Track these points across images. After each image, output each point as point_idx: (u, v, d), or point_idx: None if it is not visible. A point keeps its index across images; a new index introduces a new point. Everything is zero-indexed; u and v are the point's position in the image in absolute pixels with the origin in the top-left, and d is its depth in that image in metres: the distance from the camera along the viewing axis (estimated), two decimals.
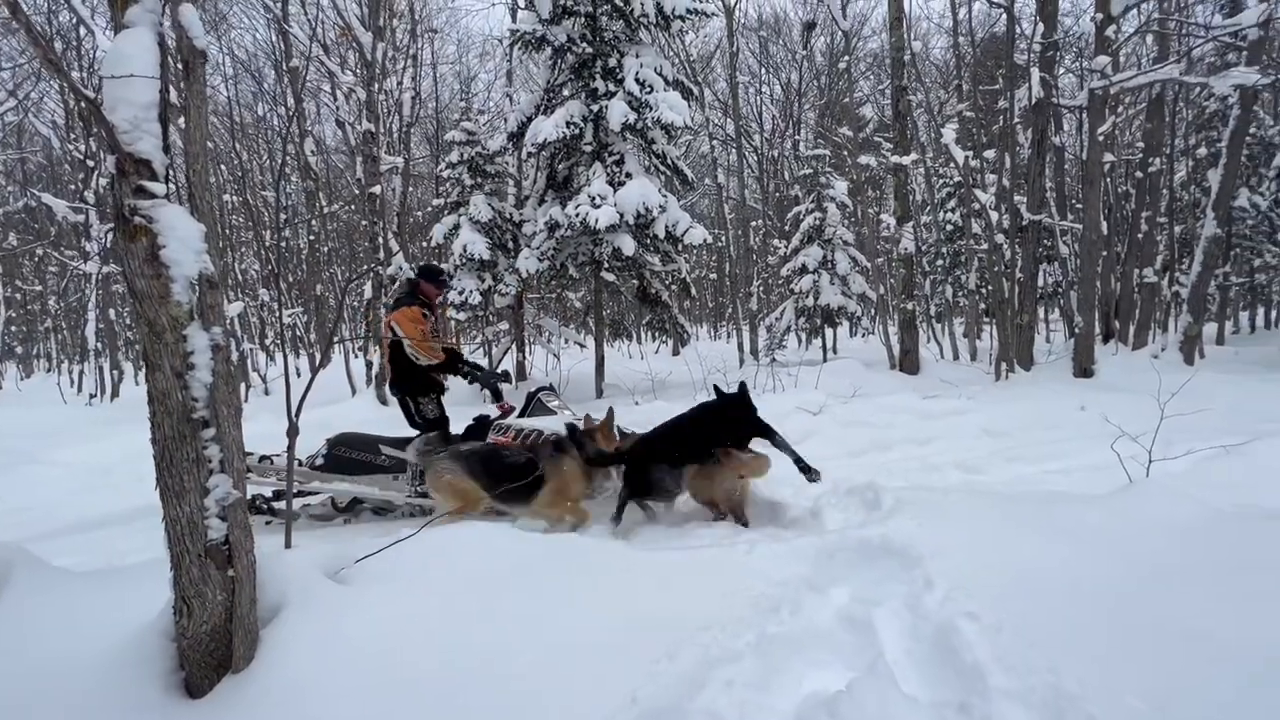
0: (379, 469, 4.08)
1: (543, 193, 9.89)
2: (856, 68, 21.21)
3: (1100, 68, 8.52)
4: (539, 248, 8.93)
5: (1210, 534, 2.56)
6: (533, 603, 2.05)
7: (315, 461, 4.09)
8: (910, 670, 1.91)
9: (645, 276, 9.93)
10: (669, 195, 8.89)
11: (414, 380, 4.14)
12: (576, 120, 8.54)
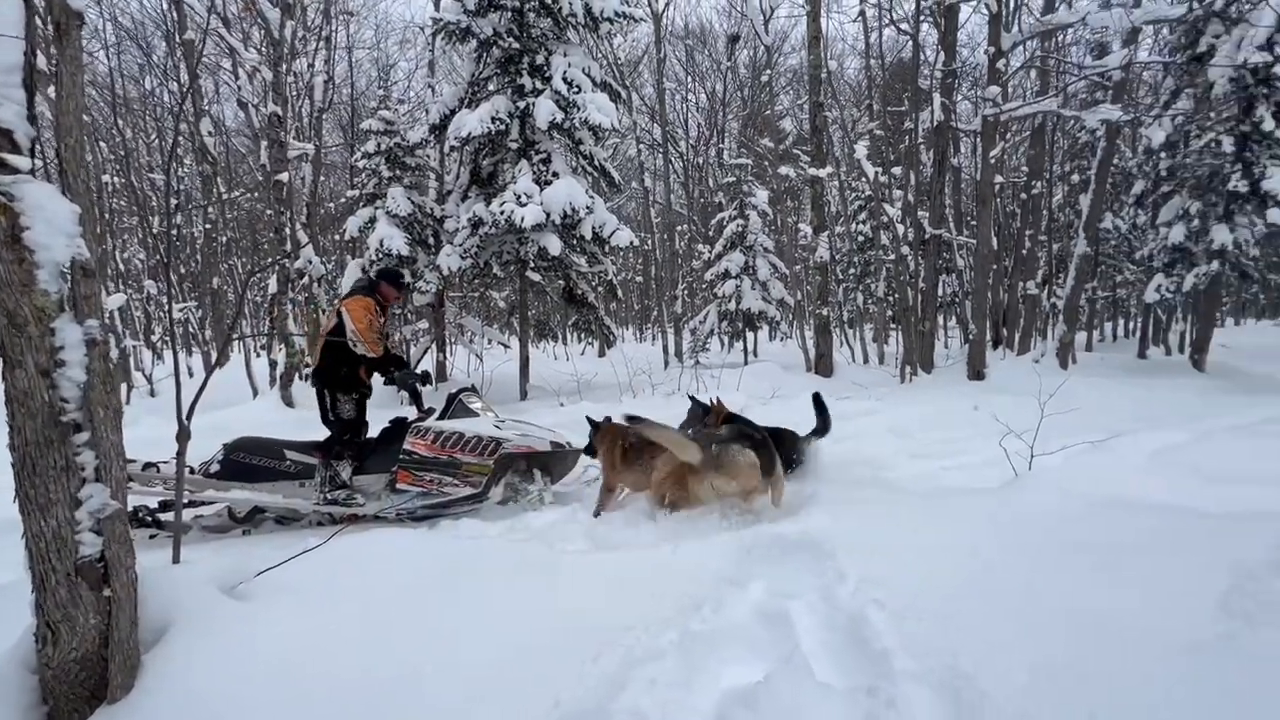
0: (284, 475, 3.85)
1: (466, 188, 9.62)
2: (777, 82, 22.08)
3: (992, 96, 9.32)
4: (462, 245, 8.66)
5: (1083, 521, 2.85)
6: (454, 610, 1.99)
7: (210, 468, 3.81)
8: (825, 659, 2.00)
9: (572, 277, 9.87)
10: (596, 197, 8.88)
11: (340, 375, 3.92)
12: (502, 116, 8.36)
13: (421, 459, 3.81)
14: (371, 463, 3.99)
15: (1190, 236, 9.64)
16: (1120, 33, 9.23)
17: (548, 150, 8.66)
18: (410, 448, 3.83)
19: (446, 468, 3.80)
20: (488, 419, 4.15)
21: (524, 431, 4.06)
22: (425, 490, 3.80)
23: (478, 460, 3.82)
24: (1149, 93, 13.51)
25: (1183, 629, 1.91)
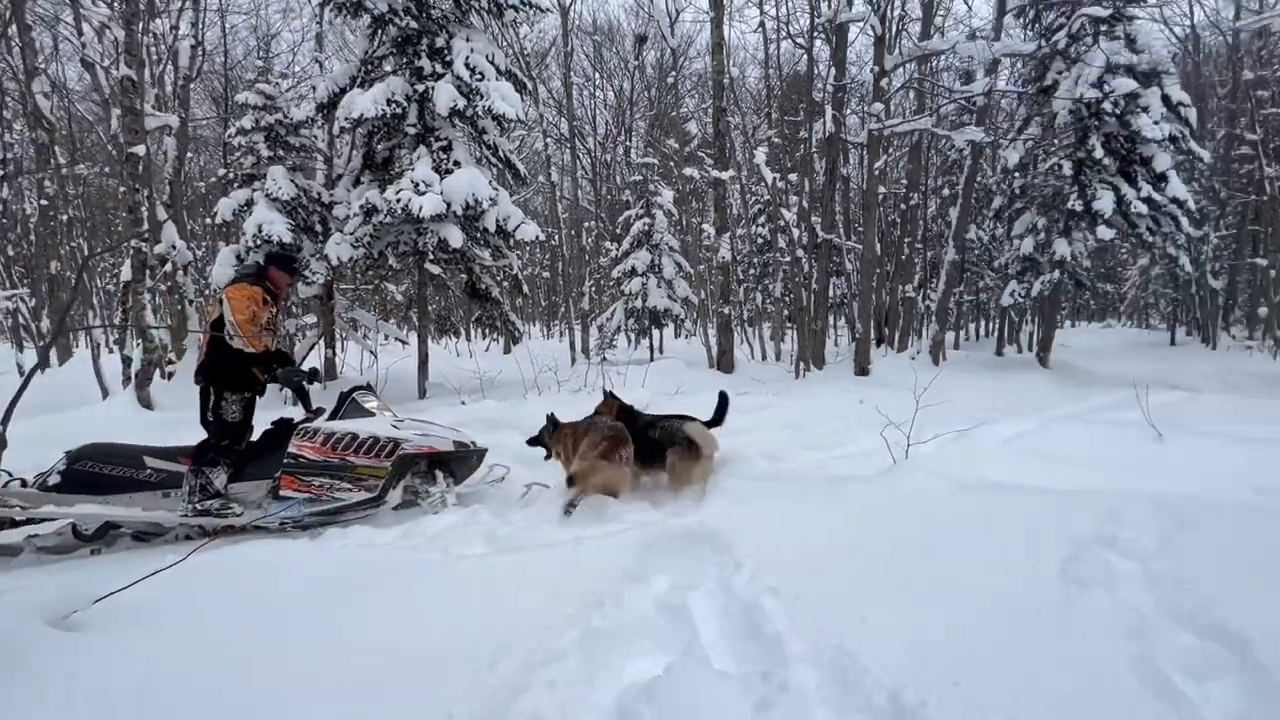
0: (143, 485, 3.44)
1: (358, 173, 9.01)
2: (683, 85, 22.55)
3: (876, 113, 10.05)
4: (353, 233, 8.11)
5: (950, 502, 3.13)
6: (335, 625, 1.85)
7: (47, 480, 3.34)
8: (723, 648, 2.06)
9: (475, 271, 9.54)
10: (501, 189, 8.63)
11: (227, 372, 3.53)
12: (399, 99, 7.91)
13: (310, 463, 3.53)
14: (251, 469, 3.65)
15: (1038, 248, 10.91)
16: (984, 63, 10.26)
17: (449, 138, 8.30)
18: (296, 451, 3.54)
19: (338, 471, 3.54)
20: (385, 419, 3.89)
21: (424, 431, 3.84)
22: (314, 496, 3.51)
23: (373, 462, 3.57)
24: (1006, 118, 15.14)
25: (1030, 595, 2.15)
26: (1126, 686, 1.64)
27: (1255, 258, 16.09)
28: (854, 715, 1.64)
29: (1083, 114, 10.07)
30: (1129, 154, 10.24)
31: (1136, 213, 10.15)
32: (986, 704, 1.59)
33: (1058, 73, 10.57)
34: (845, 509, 3.10)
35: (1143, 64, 9.99)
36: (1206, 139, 14.75)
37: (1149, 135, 9.79)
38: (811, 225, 11.67)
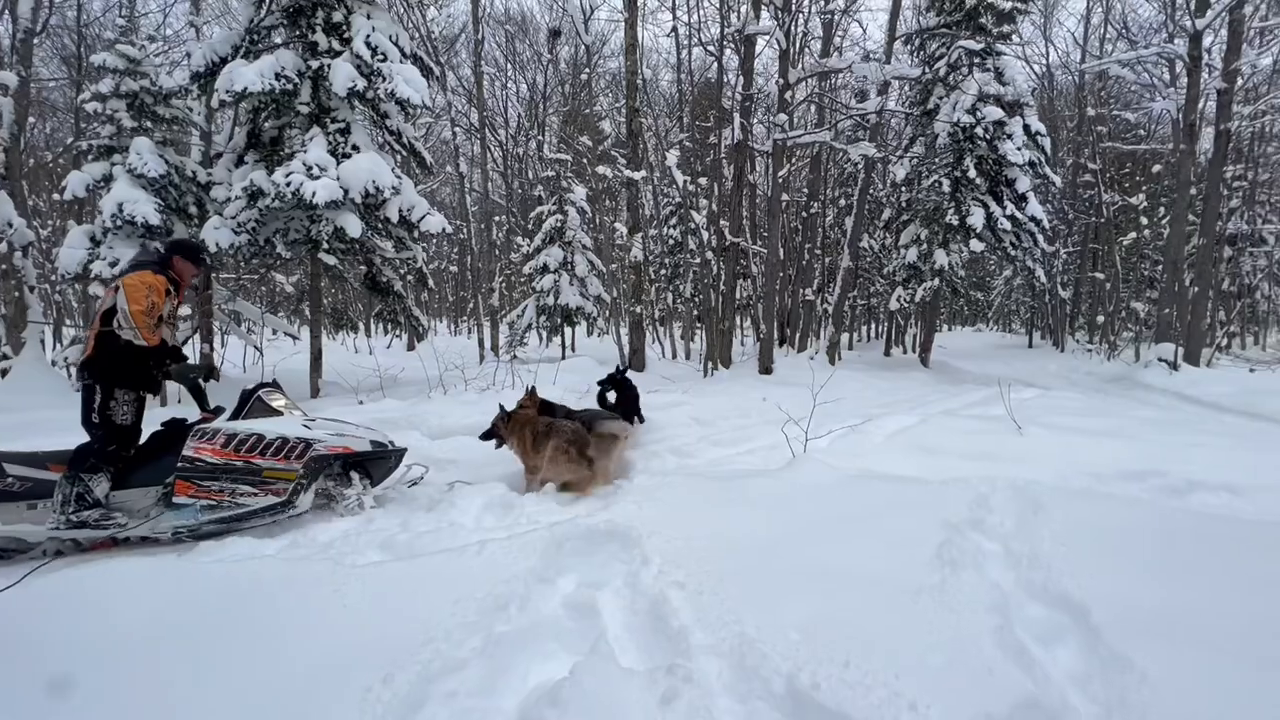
0: (6, 496, 3.05)
1: (242, 152, 8.24)
2: (598, 83, 22.52)
3: (781, 123, 10.52)
4: (235, 217, 7.41)
5: (845, 493, 3.34)
6: (199, 657, 1.68)
7: None
8: (629, 644, 2.07)
9: (375, 263, 9.02)
10: (405, 177, 8.21)
11: (120, 368, 3.17)
12: (290, 74, 7.31)
13: (210, 466, 3.20)
14: (137, 475, 3.30)
15: (921, 258, 11.88)
16: (876, 83, 11.02)
17: (347, 120, 7.78)
18: (193, 454, 3.20)
19: (242, 475, 3.24)
20: (294, 418, 3.60)
21: (339, 431, 3.59)
22: (213, 502, 3.19)
23: (282, 465, 3.29)
24: (895, 136, 16.36)
25: (911, 577, 2.33)
26: (989, 655, 1.82)
27: (1095, 272, 18.45)
28: (753, 701, 1.70)
29: (959, 137, 11.08)
30: (997, 175, 11.38)
31: (1002, 229, 11.31)
32: (872, 680, 1.71)
33: (939, 97, 11.56)
34: (749, 502, 3.22)
35: (1008, 95, 11.14)
36: (1058, 166, 16.69)
37: (1013, 159, 10.93)
38: (720, 228, 12.03)
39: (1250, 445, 4.85)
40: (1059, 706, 1.63)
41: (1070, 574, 2.31)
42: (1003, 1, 11.12)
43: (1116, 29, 18.51)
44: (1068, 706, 1.65)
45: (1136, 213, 16.93)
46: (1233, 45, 11.36)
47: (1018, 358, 15.82)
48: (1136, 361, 12.55)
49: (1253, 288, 18.48)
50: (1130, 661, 1.78)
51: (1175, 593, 2.18)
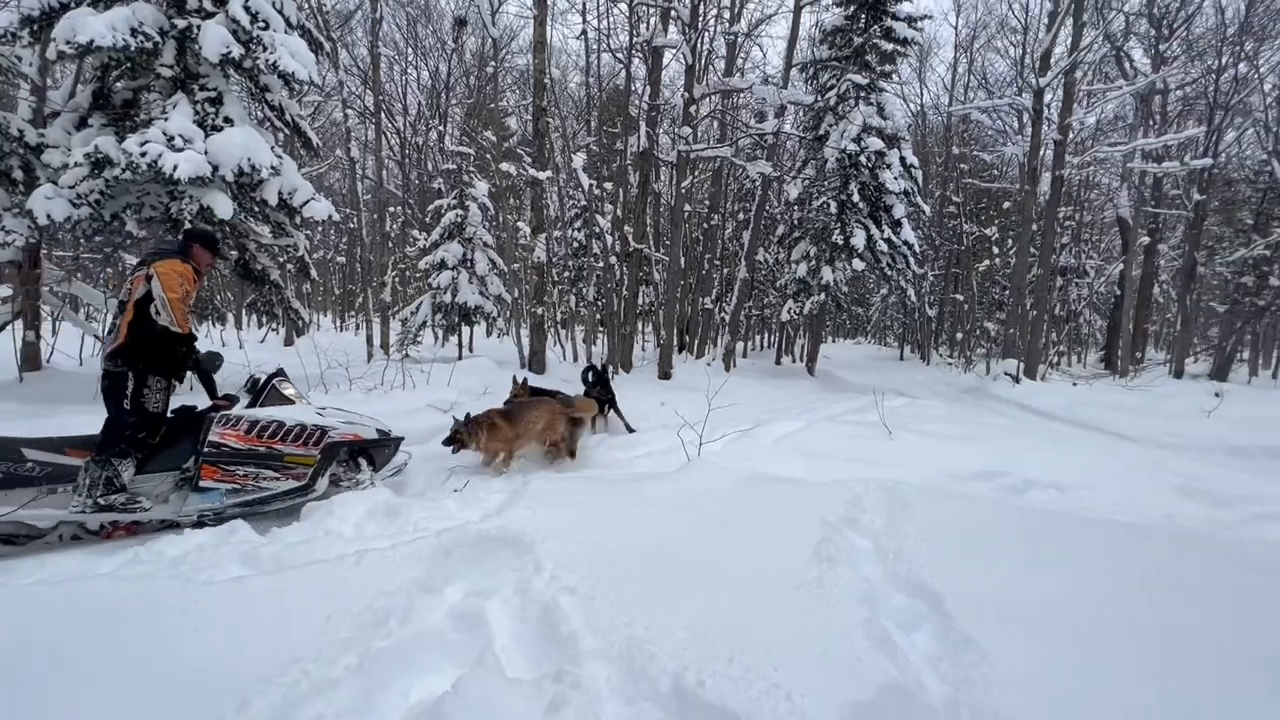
0: (24, 481, 3.02)
1: (86, 113, 7.19)
2: (505, 78, 22.01)
3: (685, 136, 10.82)
4: (74, 187, 6.44)
5: (735, 494, 3.47)
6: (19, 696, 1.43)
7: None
8: (517, 653, 2.02)
9: (249, 249, 8.20)
10: (287, 158, 7.54)
11: (153, 355, 3.23)
12: (150, 31, 6.48)
13: (234, 451, 3.34)
14: (154, 461, 3.35)
15: (809, 273, 12.67)
16: (774, 106, 11.64)
17: (219, 89, 7.02)
18: (219, 439, 3.31)
19: (265, 460, 3.39)
20: (308, 406, 3.83)
21: (348, 419, 3.79)
22: (237, 486, 3.34)
23: (302, 451, 3.48)
24: (790, 158, 17.37)
25: (792, 573, 2.46)
26: (858, 644, 1.96)
27: (956, 294, 20.60)
28: (640, 703, 1.72)
29: (846, 163, 11.95)
30: (877, 201, 12.40)
31: (881, 250, 12.33)
32: (754, 674, 1.78)
33: (829, 125, 12.41)
34: (645, 505, 3.26)
35: (888, 129, 12.18)
36: (928, 197, 18.47)
37: (891, 188, 11.96)
38: (625, 234, 12.15)
39: (1073, 449, 5.61)
40: (915, 688, 1.79)
41: (929, 566, 2.55)
42: (885, 43, 12.15)
43: (978, 79, 20.86)
44: (922, 687, 1.81)
45: (990, 243, 19.13)
46: (1067, 103, 13.16)
47: (890, 369, 17.29)
48: (987, 374, 14.14)
49: (1077, 313, 21.48)
50: (976, 643, 1.98)
51: (1013, 580, 2.47)
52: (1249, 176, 17.31)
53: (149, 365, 3.22)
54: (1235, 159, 18.00)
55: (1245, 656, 1.92)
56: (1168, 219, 18.23)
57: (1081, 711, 1.68)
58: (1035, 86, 12.14)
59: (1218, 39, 15.17)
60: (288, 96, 8.07)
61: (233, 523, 3.06)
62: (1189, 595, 2.34)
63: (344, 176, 23.00)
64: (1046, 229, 13.33)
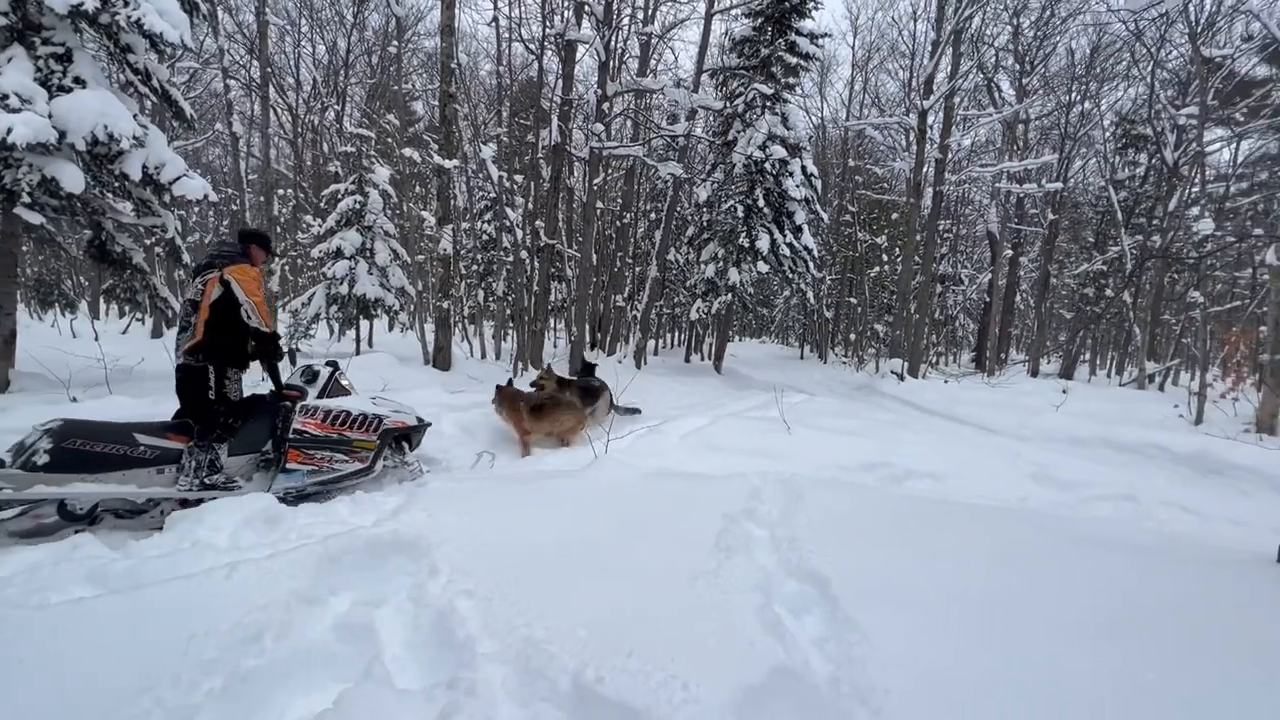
0: (138, 462, 3.32)
1: None
2: (410, 60, 20.95)
3: (598, 133, 10.79)
4: None
5: (641, 489, 3.51)
6: None
7: (34, 460, 3.04)
8: (410, 663, 1.93)
9: (106, 228, 7.27)
10: (154, 128, 6.77)
11: (230, 351, 3.59)
12: None
13: (314, 437, 3.81)
14: (236, 445, 3.69)
15: (718, 274, 13.05)
16: (685, 109, 11.88)
17: (67, 44, 6.16)
18: (301, 427, 3.79)
19: (338, 445, 3.87)
20: (363, 397, 4.26)
21: (395, 408, 4.24)
22: (316, 468, 3.80)
23: (365, 436, 3.96)
24: (700, 161, 17.80)
25: (693, 564, 2.52)
26: (752, 630, 2.04)
27: (850, 297, 22.02)
28: (537, 704, 1.69)
29: (752, 169, 12.41)
30: (780, 207, 12.98)
31: (783, 254, 12.92)
32: (652, 667, 1.80)
33: (737, 131, 12.83)
34: (548, 504, 3.22)
35: (791, 138, 12.78)
36: (826, 205, 19.59)
37: (793, 195, 12.56)
38: (536, 228, 11.94)
39: (947, 441, 6.15)
40: (802, 669, 1.89)
41: (818, 552, 2.70)
42: (790, 57, 12.74)
43: (871, 97, 22.37)
44: (809, 668, 1.92)
45: (880, 251, 20.59)
46: (946, 125, 14.41)
47: (791, 367, 18.17)
48: (876, 373, 15.20)
49: (953, 317, 23.62)
50: (857, 623, 2.13)
51: (892, 562, 2.67)
52: (1091, 200, 19.77)
53: (226, 359, 3.57)
54: (1081, 184, 20.49)
55: (1075, 620, 2.19)
56: (1028, 235, 20.44)
57: (945, 678, 1.84)
58: (920, 108, 13.19)
59: (1068, 78, 17.18)
60: (156, 60, 7.25)
61: (75, 538, 2.71)
62: (1037, 568, 2.63)
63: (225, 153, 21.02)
64: (928, 239, 14.52)
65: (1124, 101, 17.44)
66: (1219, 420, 7.03)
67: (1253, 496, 4.67)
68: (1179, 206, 13.17)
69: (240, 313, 3.49)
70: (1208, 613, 2.26)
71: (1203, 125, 12.16)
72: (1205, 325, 10.21)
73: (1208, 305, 12.75)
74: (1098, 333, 22.11)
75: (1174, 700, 1.75)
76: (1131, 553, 2.82)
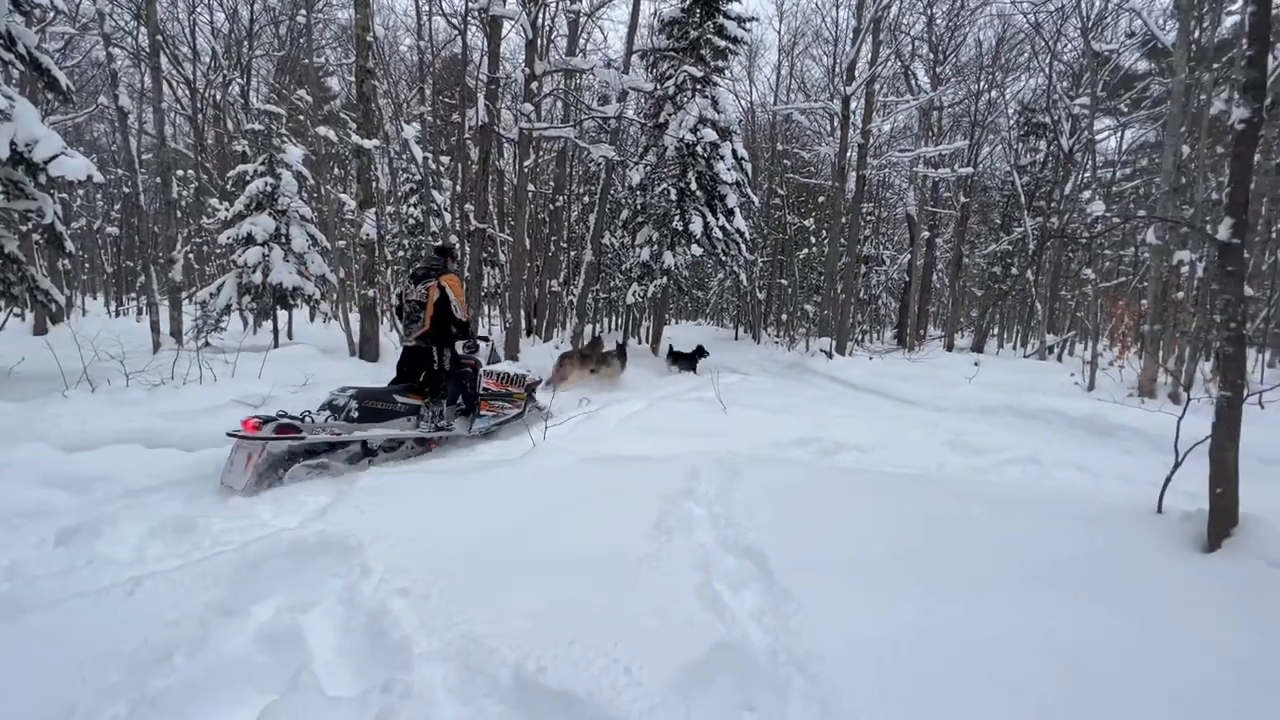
0: (399, 414, 4.57)
1: None
2: (323, 33, 19.66)
3: (527, 113, 10.51)
4: None
5: (580, 475, 3.49)
6: None
7: (351, 415, 4.28)
8: (343, 668, 1.85)
9: None
10: (22, 100, 6.05)
11: (448, 336, 4.90)
12: None
13: (493, 393, 5.50)
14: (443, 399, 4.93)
15: (653, 257, 13.09)
16: (616, 90, 11.74)
17: None
18: (488, 386, 5.52)
19: (504, 398, 5.53)
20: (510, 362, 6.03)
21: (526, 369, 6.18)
22: (495, 414, 5.34)
23: (517, 390, 5.69)
24: (633, 144, 17.70)
25: (634, 546, 2.54)
26: (692, 608, 2.08)
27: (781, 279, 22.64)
28: (479, 700, 1.66)
29: (684, 152, 12.46)
30: (713, 190, 13.11)
31: (716, 237, 13.09)
32: (594, 653, 1.81)
33: (668, 114, 12.82)
34: (485, 495, 3.16)
35: (722, 122, 12.90)
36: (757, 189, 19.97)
37: (725, 178, 12.71)
38: (465, 212, 11.55)
39: (873, 414, 6.46)
40: (742, 642, 1.94)
41: (755, 528, 2.78)
42: (719, 40, 12.80)
43: (798, 83, 22.85)
44: (748, 640, 1.97)
45: (809, 233, 21.22)
46: (868, 111, 14.93)
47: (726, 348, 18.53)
48: (807, 351, 15.74)
49: (876, 296, 24.75)
50: (792, 593, 2.20)
51: (823, 533, 2.78)
52: (998, 184, 21.09)
53: (447, 342, 4.88)
54: (989, 169, 21.80)
55: (989, 576, 2.36)
56: (943, 217, 21.61)
57: (873, 638, 1.94)
58: (843, 94, 13.59)
59: (977, 67, 18.15)
60: (22, 23, 6.48)
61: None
62: (954, 530, 2.81)
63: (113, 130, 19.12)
64: (852, 222, 15.08)
65: (1026, 91, 18.62)
66: (1108, 386, 7.72)
67: (1136, 454, 5.17)
68: (1074, 190, 14.25)
69: (450, 308, 4.78)
70: (1098, 561, 2.49)
71: (1093, 115, 13.16)
72: (1095, 300, 11.15)
73: (1098, 281, 13.93)
74: (1005, 308, 23.74)
75: (1071, 645, 1.92)
76: (1036, 511, 3.06)
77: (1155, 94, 14.10)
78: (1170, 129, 8.19)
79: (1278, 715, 1.69)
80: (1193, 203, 8.55)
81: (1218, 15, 8.98)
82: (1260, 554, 2.46)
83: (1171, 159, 7.99)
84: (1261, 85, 2.59)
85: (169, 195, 11.42)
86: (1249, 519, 2.60)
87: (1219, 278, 2.62)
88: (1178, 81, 8.08)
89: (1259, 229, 8.52)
